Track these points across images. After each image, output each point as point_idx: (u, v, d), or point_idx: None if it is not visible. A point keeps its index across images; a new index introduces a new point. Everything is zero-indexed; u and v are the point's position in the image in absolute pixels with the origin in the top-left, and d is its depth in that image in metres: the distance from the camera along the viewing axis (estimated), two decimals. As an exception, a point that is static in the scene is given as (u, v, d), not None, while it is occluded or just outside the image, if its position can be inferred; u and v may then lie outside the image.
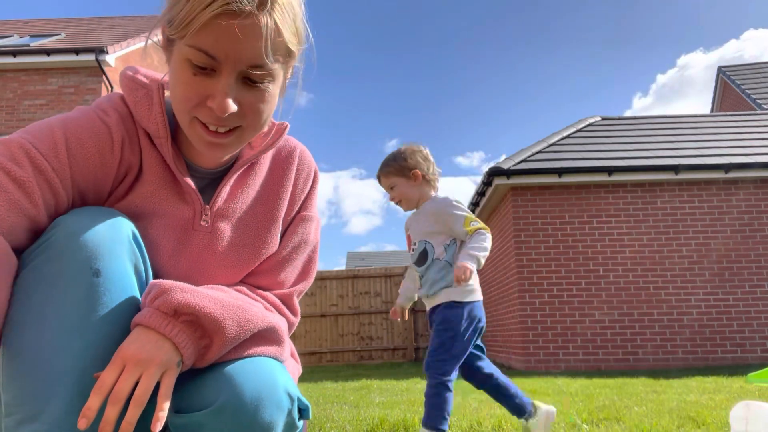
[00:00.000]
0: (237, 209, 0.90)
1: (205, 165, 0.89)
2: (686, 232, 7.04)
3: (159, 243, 0.84)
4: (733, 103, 14.28)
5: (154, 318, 0.72)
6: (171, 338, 0.71)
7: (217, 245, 0.88)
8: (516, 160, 7.30)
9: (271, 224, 0.92)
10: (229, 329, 0.74)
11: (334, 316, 10.15)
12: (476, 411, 2.94)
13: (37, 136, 0.76)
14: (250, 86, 0.77)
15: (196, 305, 0.73)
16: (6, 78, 9.59)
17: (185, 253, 0.86)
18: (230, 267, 0.89)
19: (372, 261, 37.72)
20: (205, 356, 0.76)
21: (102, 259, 0.72)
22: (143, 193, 0.83)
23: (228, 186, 0.89)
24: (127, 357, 0.69)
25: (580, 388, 4.16)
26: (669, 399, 3.34)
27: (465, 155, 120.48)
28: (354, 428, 2.52)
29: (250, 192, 0.91)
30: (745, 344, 6.77)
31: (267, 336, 0.81)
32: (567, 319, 6.92)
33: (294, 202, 0.96)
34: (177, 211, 0.85)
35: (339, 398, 3.92)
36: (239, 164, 0.89)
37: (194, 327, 0.74)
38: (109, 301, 0.72)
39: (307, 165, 0.99)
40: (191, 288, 0.76)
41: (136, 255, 0.77)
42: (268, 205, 0.93)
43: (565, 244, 7.09)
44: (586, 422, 2.50)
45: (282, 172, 0.95)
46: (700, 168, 7.01)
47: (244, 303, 0.79)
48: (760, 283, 6.89)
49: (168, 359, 0.70)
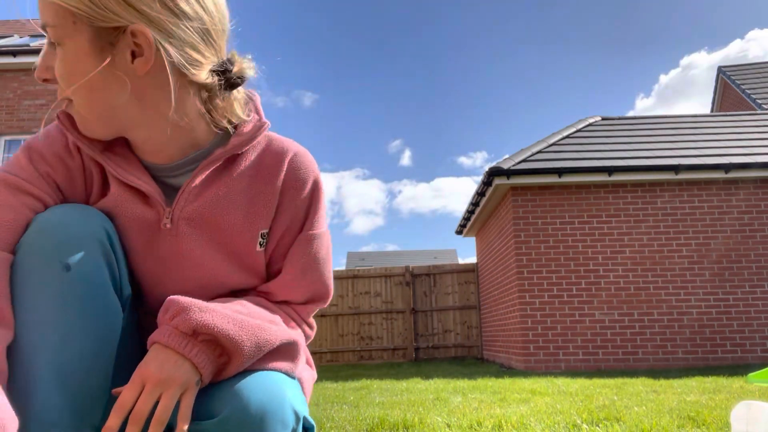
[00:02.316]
0: (204, 211, 0.84)
1: (157, 161, 0.85)
2: (686, 232, 7.04)
3: (131, 244, 0.84)
4: (733, 103, 14.28)
5: (174, 337, 0.72)
6: (190, 359, 0.71)
7: (182, 248, 0.85)
8: (516, 160, 7.30)
9: (251, 230, 0.87)
10: (248, 350, 0.74)
11: (334, 316, 10.15)
12: (476, 411, 2.94)
13: (8, 164, 0.82)
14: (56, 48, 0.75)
15: (215, 326, 0.72)
16: (6, 78, 9.59)
17: (154, 255, 0.85)
18: (202, 270, 0.86)
19: (372, 261, 37.72)
20: (223, 372, 0.76)
21: (71, 253, 0.72)
22: (111, 196, 0.83)
23: (195, 187, 0.84)
24: (147, 376, 0.69)
25: (580, 388, 4.16)
26: (669, 399, 3.34)
27: (468, 155, 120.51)
28: (354, 428, 2.52)
29: (223, 195, 0.85)
30: (745, 344, 6.78)
31: (283, 351, 0.81)
32: (567, 319, 6.92)
33: (287, 212, 0.89)
34: (143, 213, 0.83)
35: (339, 398, 3.92)
36: (204, 164, 0.83)
37: (213, 346, 0.74)
38: (81, 294, 0.72)
39: (301, 174, 0.90)
40: (210, 307, 0.75)
41: (107, 249, 0.77)
42: (249, 212, 0.86)
43: (565, 244, 7.10)
44: (586, 422, 2.50)
45: (267, 176, 0.87)
46: (700, 168, 7.01)
47: (262, 321, 0.78)
48: (760, 283, 6.89)
49: (188, 379, 0.71)
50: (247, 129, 0.87)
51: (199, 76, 0.78)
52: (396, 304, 10.19)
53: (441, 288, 10.25)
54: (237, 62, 0.83)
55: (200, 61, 0.77)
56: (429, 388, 4.47)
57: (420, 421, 2.58)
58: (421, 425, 2.51)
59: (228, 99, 0.85)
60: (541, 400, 3.38)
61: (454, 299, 10.21)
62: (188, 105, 0.80)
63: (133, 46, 0.73)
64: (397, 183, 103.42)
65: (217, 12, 0.80)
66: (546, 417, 2.67)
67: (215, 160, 0.83)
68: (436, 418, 2.67)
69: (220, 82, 0.81)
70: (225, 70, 0.81)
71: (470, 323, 10.11)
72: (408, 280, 10.22)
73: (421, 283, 10.26)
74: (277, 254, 0.92)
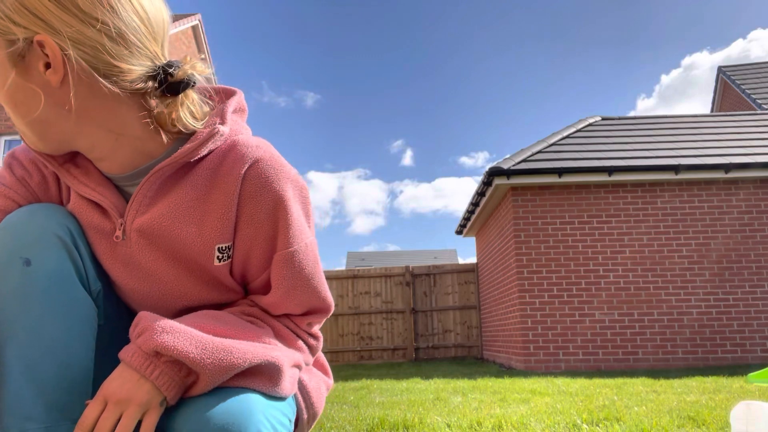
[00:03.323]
0: (155, 224, 0.81)
1: (114, 171, 0.83)
2: (686, 232, 7.05)
3: (98, 252, 0.85)
4: (733, 103, 14.28)
5: (136, 358, 0.71)
6: (152, 380, 0.70)
7: (139, 259, 0.83)
8: (516, 160, 7.30)
9: (199, 245, 0.82)
10: (210, 371, 0.72)
11: (334, 316, 10.14)
12: (476, 411, 2.94)
13: None
14: None
15: (175, 348, 0.70)
16: (6, 78, 9.59)
17: (117, 264, 0.85)
18: (162, 283, 0.85)
19: (372, 261, 37.72)
20: (192, 390, 0.74)
21: (32, 248, 0.74)
22: (70, 205, 0.85)
23: (144, 198, 0.81)
24: (108, 394, 0.69)
25: (580, 388, 4.16)
26: (669, 399, 3.34)
27: (469, 155, 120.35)
28: (354, 428, 2.52)
29: (175, 205, 0.81)
30: (745, 344, 6.78)
31: (260, 371, 0.78)
32: (567, 319, 6.92)
33: (247, 228, 0.83)
34: (100, 223, 0.83)
35: (339, 398, 3.92)
36: (153, 172, 0.80)
37: (178, 366, 0.72)
38: (44, 288, 0.73)
39: (260, 185, 0.82)
40: (174, 327, 0.72)
41: (69, 245, 0.78)
42: (201, 226, 0.82)
43: (565, 244, 7.10)
44: (586, 422, 2.50)
45: (221, 188, 0.82)
46: (700, 168, 7.01)
47: (233, 342, 0.75)
48: (760, 283, 6.89)
49: (149, 399, 0.70)
50: (202, 135, 0.81)
51: (122, 83, 0.74)
52: (396, 304, 10.20)
53: (441, 288, 10.25)
54: (182, 66, 0.78)
55: (120, 68, 0.74)
56: (429, 388, 4.47)
57: (420, 421, 2.58)
58: (421, 425, 2.51)
59: (173, 105, 0.80)
60: (541, 400, 3.38)
61: (454, 299, 10.21)
62: (123, 113, 0.77)
63: (44, 58, 0.71)
64: (399, 183, 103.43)
65: (146, 16, 0.76)
66: (546, 417, 2.67)
67: (164, 169, 0.79)
68: (436, 418, 2.67)
69: (155, 87, 0.77)
70: (165, 74, 0.77)
71: (470, 323, 10.11)
72: (408, 280, 10.23)
73: (421, 283, 10.26)
74: (249, 269, 0.87)
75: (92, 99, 0.75)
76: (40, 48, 0.70)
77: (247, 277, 0.88)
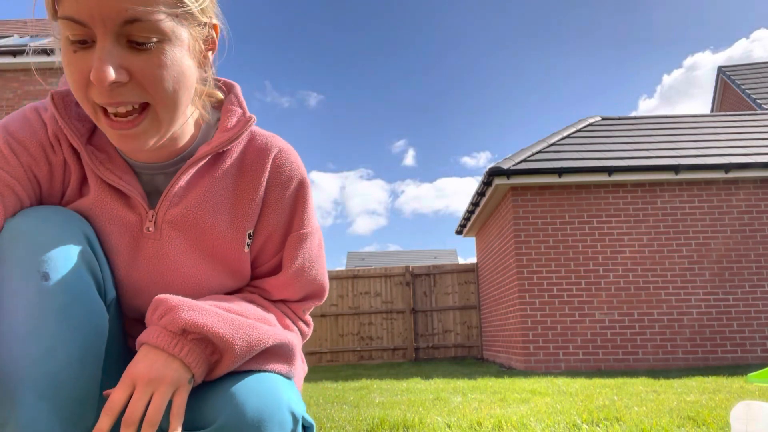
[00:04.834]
0: (190, 214, 0.80)
1: (147, 160, 0.80)
2: (686, 232, 7.04)
3: (114, 248, 0.80)
4: (733, 103, 14.28)
5: (163, 337, 0.70)
6: (181, 358, 0.70)
7: (167, 252, 0.81)
8: (516, 160, 7.30)
9: (236, 232, 0.84)
10: (239, 349, 0.72)
11: (334, 316, 10.15)
12: (476, 411, 2.94)
13: None
14: (138, 49, 0.66)
15: (204, 325, 0.70)
16: (6, 78, 9.59)
17: (139, 260, 0.81)
18: (187, 276, 0.83)
19: (372, 261, 37.72)
20: (215, 371, 0.74)
21: (50, 262, 0.68)
22: (90, 196, 0.79)
23: (176, 188, 0.80)
24: (136, 376, 0.67)
25: (580, 388, 4.16)
26: (669, 399, 3.34)
27: (471, 155, 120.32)
28: (354, 428, 2.52)
29: (208, 195, 0.81)
30: (745, 344, 6.78)
31: (278, 352, 0.79)
32: (567, 319, 6.92)
33: (272, 212, 0.86)
34: (124, 216, 0.79)
35: (339, 398, 3.92)
36: (190, 162, 0.79)
37: (204, 344, 0.72)
38: (62, 303, 0.68)
39: (287, 172, 0.86)
40: (199, 306, 0.73)
41: (88, 254, 0.74)
42: (234, 213, 0.83)
43: (565, 244, 7.10)
44: (586, 422, 2.50)
45: (251, 175, 0.84)
46: (700, 168, 7.01)
47: (255, 321, 0.77)
48: (760, 283, 6.89)
49: (179, 377, 0.69)
50: (231, 124, 0.82)
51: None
52: (396, 304, 10.19)
53: (441, 288, 10.25)
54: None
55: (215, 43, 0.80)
56: (429, 388, 4.47)
57: (420, 421, 2.58)
58: (421, 425, 2.51)
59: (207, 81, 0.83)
60: (541, 400, 3.38)
61: (454, 299, 10.21)
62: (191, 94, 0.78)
63: (213, 39, 0.78)
64: (401, 183, 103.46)
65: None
66: (546, 417, 2.67)
67: (199, 159, 0.79)
68: (436, 418, 2.67)
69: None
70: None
71: (470, 323, 10.11)
72: (408, 280, 10.23)
73: (421, 283, 10.26)
74: (263, 253, 0.89)
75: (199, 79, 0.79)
76: (213, 30, 0.77)
77: (258, 261, 0.90)
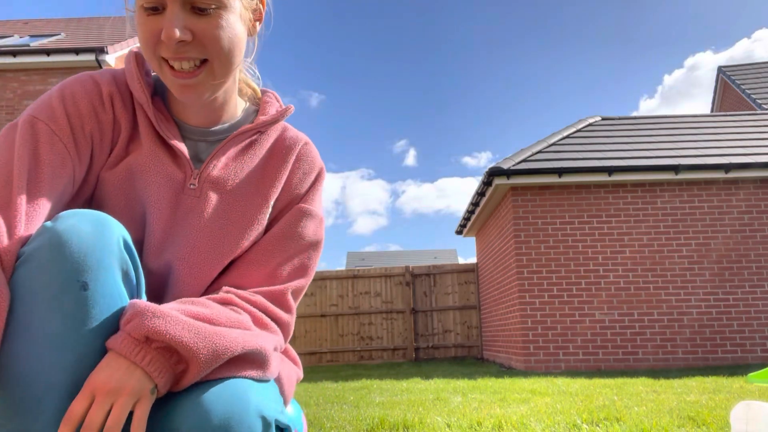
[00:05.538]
0: (228, 181, 0.91)
1: (196, 124, 0.92)
2: (686, 232, 7.04)
3: (154, 201, 0.87)
4: (733, 103, 14.28)
5: (125, 344, 0.68)
6: (142, 367, 0.68)
7: (203, 210, 0.88)
8: (516, 160, 7.30)
9: (261, 204, 0.92)
10: (204, 357, 0.71)
11: (334, 316, 10.15)
12: (476, 411, 2.94)
13: (39, 106, 0.83)
14: (200, 14, 0.80)
15: (167, 333, 0.69)
16: (6, 78, 9.59)
17: (176, 215, 0.88)
18: (214, 238, 0.88)
19: (372, 261, 37.72)
20: (181, 381, 0.72)
21: (89, 272, 0.68)
22: (141, 151, 0.87)
23: (223, 156, 0.91)
24: (96, 386, 0.65)
25: (580, 388, 4.16)
26: (669, 399, 3.34)
27: (472, 155, 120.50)
28: (354, 428, 2.52)
29: (244, 168, 0.93)
30: (745, 344, 6.78)
31: (249, 358, 0.77)
32: (567, 319, 6.92)
33: (289, 191, 0.95)
34: (172, 172, 0.88)
35: (339, 398, 3.92)
36: (233, 135, 0.92)
37: (170, 352, 0.70)
38: (98, 314, 0.68)
39: (309, 159, 0.99)
40: (164, 312, 0.71)
41: (126, 262, 0.74)
42: (261, 187, 0.93)
43: (565, 244, 7.09)
44: (586, 422, 2.50)
45: (280, 157, 0.96)
46: (700, 168, 7.01)
47: (224, 328, 0.75)
48: (760, 283, 6.89)
49: (140, 388, 0.67)
50: (272, 110, 0.97)
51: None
52: (396, 304, 10.19)
53: (441, 288, 10.25)
54: None
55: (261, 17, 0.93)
56: (429, 388, 4.47)
57: (420, 421, 2.58)
58: (421, 425, 2.51)
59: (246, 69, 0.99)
60: (541, 400, 3.38)
61: (454, 299, 10.21)
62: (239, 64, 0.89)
63: (260, 11, 0.90)
64: (401, 183, 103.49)
65: None
66: (546, 417, 2.67)
67: (244, 134, 0.93)
68: (436, 418, 2.67)
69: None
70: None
71: (470, 323, 10.11)
72: (408, 280, 10.22)
73: (421, 283, 10.26)
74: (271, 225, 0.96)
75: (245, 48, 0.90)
76: (261, 3, 0.90)
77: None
